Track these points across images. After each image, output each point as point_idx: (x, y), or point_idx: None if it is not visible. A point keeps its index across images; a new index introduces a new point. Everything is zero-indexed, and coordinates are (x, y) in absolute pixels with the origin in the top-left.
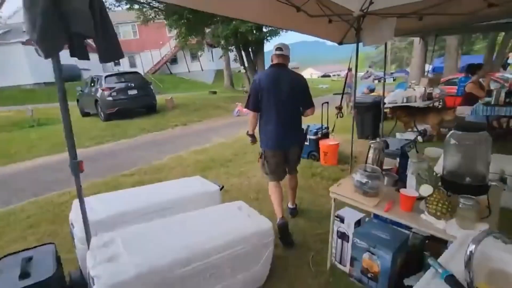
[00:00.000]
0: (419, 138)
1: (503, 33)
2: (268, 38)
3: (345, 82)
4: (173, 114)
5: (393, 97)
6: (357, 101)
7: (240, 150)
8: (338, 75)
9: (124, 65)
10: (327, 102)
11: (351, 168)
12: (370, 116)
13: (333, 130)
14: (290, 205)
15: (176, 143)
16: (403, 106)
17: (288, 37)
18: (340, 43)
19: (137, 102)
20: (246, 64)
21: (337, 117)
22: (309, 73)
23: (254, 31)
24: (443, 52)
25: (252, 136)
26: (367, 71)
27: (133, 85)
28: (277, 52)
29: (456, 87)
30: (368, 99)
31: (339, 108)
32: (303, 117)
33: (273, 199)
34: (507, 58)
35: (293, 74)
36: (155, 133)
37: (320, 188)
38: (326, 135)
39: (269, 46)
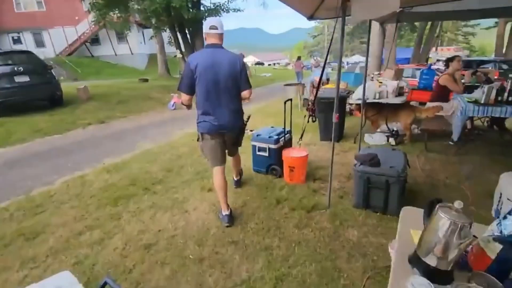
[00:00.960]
0: (391, 141)
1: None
2: (208, 17)
3: (323, 69)
4: (88, 108)
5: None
6: (320, 95)
7: (175, 163)
8: (278, 63)
9: (29, 44)
10: (291, 99)
11: (330, 193)
12: None
13: (301, 137)
14: (235, 177)
15: (85, 151)
16: (375, 103)
17: (227, 23)
18: (311, 18)
19: (30, 93)
20: (183, 48)
21: (308, 121)
22: (251, 60)
23: (190, 8)
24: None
25: (188, 106)
26: (316, 59)
27: (22, 69)
28: (212, 31)
29: (416, 80)
30: (333, 93)
31: (312, 111)
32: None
33: (217, 190)
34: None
35: (230, 54)
36: (56, 136)
37: (291, 226)
38: (289, 143)
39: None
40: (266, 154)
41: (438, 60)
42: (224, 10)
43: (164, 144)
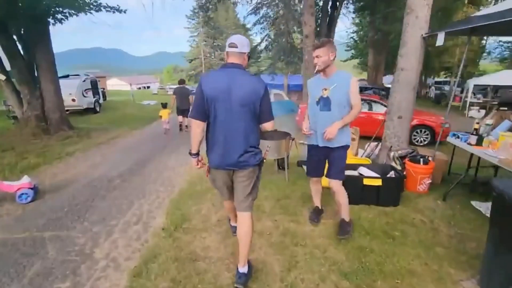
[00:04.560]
0: None
1: None
2: (59, 12)
3: None
4: None
5: None
6: None
7: None
8: (148, 87)
9: None
10: None
11: None
12: None
13: None
14: (239, 267)
15: None
16: None
17: (81, 40)
18: None
19: None
20: (7, 64)
21: None
22: (112, 84)
23: None
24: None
25: (197, 155)
26: None
27: None
28: (230, 49)
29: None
30: None
31: None
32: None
33: (230, 212)
34: None
35: (251, 78)
36: None
37: None
38: None
39: (63, 29)
40: None
41: None
42: (93, 7)
43: None
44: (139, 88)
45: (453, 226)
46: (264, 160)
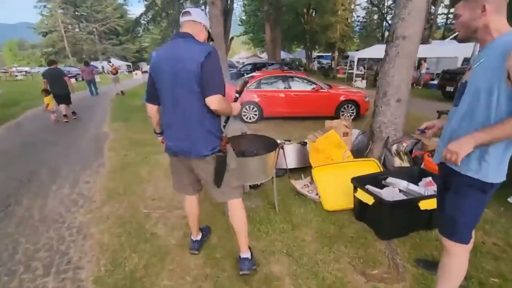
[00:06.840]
0: None
1: None
2: None
3: None
4: None
5: None
6: None
7: None
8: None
9: None
10: None
11: None
12: None
13: None
14: (241, 254)
15: None
16: None
17: None
18: None
19: None
20: None
21: None
22: None
23: None
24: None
25: (161, 134)
26: (112, 65)
27: None
28: (183, 18)
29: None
30: None
31: None
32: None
33: (187, 215)
34: None
35: (195, 45)
36: None
37: None
38: None
39: None
40: None
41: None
42: None
43: None
44: None
45: None
46: (222, 153)
